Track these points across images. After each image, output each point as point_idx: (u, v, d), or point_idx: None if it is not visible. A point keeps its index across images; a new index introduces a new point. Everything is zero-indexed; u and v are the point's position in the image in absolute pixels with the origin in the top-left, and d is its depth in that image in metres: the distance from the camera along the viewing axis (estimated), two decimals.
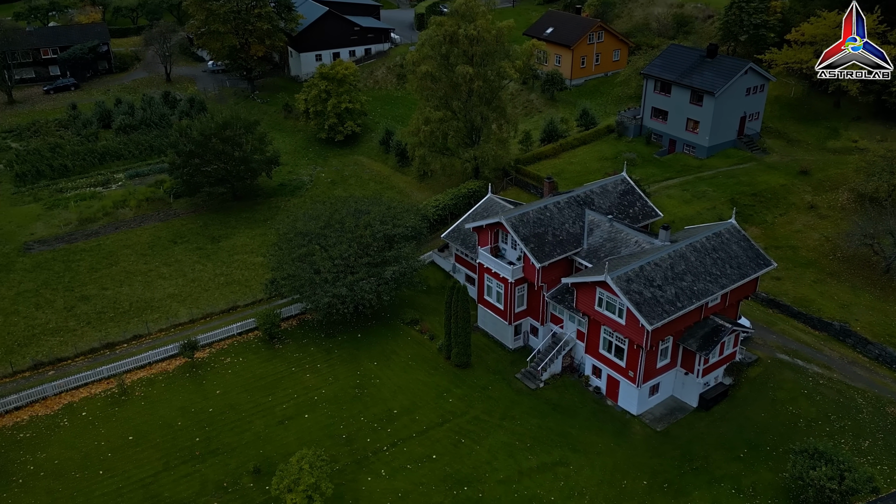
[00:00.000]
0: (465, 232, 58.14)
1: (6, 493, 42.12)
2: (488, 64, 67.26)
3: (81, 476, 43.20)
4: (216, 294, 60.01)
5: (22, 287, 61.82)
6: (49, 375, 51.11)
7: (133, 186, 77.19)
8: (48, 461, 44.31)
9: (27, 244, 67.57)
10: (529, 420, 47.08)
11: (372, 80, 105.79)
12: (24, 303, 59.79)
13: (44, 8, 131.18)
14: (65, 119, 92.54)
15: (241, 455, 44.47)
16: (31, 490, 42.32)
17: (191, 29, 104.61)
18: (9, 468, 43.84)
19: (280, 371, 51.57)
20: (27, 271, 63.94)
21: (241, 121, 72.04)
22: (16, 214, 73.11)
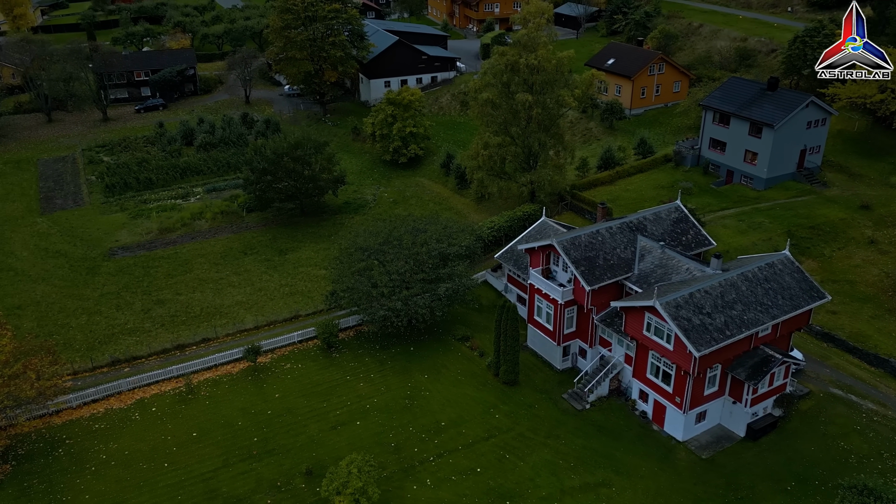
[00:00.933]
0: (518, 253, 58.30)
1: (79, 479, 44.16)
2: (547, 92, 67.61)
3: (148, 467, 44.93)
4: (280, 303, 61.74)
5: (105, 289, 65.02)
6: (124, 372, 53.48)
7: (210, 200, 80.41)
8: (119, 451, 46.26)
9: (112, 250, 71.10)
10: (574, 440, 46.59)
11: (436, 106, 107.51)
12: (107, 304, 62.83)
13: (139, 34, 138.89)
14: (152, 136, 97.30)
15: (294, 457, 45.44)
16: (102, 477, 44.25)
17: (270, 55, 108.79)
18: (83, 456, 45.96)
19: (336, 379, 52.57)
20: (110, 275, 67.24)
21: (312, 141, 74.35)
22: (104, 222, 77.08)
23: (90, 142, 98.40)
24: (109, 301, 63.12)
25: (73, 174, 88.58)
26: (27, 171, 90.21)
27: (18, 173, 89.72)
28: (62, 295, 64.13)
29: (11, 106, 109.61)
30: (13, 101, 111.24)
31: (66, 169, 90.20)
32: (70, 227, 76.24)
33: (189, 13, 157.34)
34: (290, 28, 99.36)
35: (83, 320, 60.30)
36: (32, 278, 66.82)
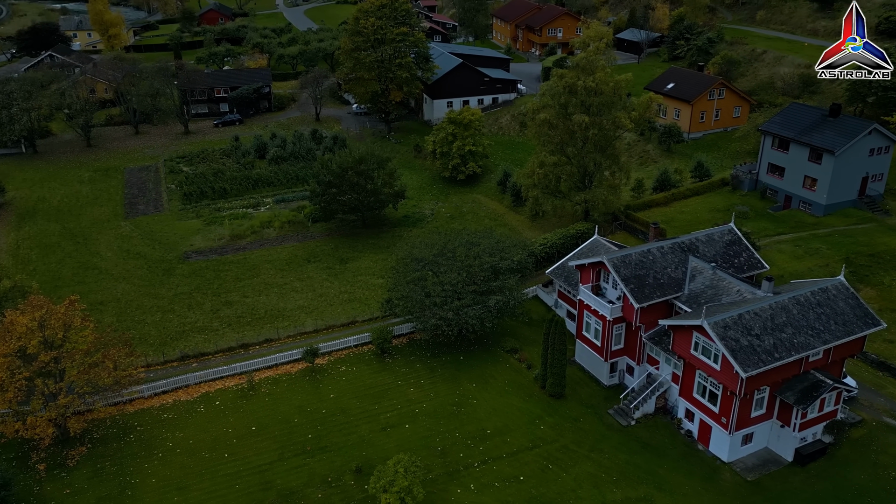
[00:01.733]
0: (569, 269, 58.37)
1: (147, 464, 46.36)
2: (604, 114, 67.68)
3: (210, 456, 46.81)
4: (339, 309, 63.41)
5: (179, 290, 68.14)
6: (192, 367, 55.88)
7: (278, 210, 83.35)
8: (184, 440, 48.36)
9: (186, 253, 74.49)
10: (618, 455, 46.19)
11: (496, 126, 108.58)
12: (179, 303, 65.82)
13: (221, 54, 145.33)
14: (228, 149, 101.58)
15: (345, 455, 46.55)
16: (168, 463, 46.34)
17: (340, 75, 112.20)
18: (152, 443, 48.24)
19: (387, 383, 53.63)
20: (184, 277, 70.43)
21: (375, 157, 76.37)
22: (180, 228, 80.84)
23: (172, 153, 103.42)
24: (182, 301, 66.10)
25: (155, 182, 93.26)
26: (114, 179, 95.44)
27: (107, 180, 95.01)
28: (140, 293, 67.52)
29: (103, 118, 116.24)
30: (105, 113, 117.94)
31: (149, 177, 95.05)
32: (150, 231, 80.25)
33: (267, 35, 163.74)
34: (359, 50, 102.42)
35: (158, 317, 63.34)
36: (114, 277, 70.62)
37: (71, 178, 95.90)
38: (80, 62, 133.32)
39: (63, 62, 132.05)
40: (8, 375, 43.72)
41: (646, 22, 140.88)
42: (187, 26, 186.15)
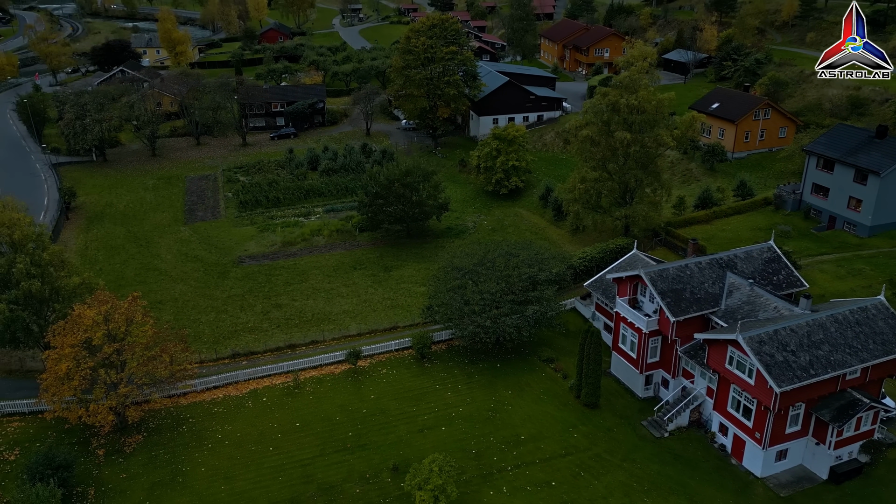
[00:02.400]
0: (606, 283, 58.52)
1: (198, 454, 48.30)
2: (646, 131, 67.76)
3: (256, 449, 48.49)
4: (382, 314, 64.80)
5: (232, 292, 70.64)
6: (242, 364, 57.93)
7: (328, 219, 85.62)
8: (232, 433, 50.19)
9: (240, 258, 77.17)
10: (650, 465, 46.07)
11: (541, 142, 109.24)
12: (232, 305, 68.24)
13: (279, 71, 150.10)
14: (282, 160, 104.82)
15: (383, 453, 47.61)
16: (217, 454, 48.19)
17: (391, 92, 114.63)
18: (203, 434, 50.23)
19: (426, 386, 54.61)
20: (238, 280, 72.97)
21: (421, 170, 77.95)
22: (236, 234, 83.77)
23: (230, 163, 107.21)
24: (235, 302, 68.51)
25: (213, 191, 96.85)
26: (176, 187, 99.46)
27: (169, 188, 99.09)
28: (196, 294, 70.24)
29: (168, 130, 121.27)
30: (169, 125, 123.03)
31: (208, 186, 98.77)
32: (207, 236, 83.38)
33: (323, 53, 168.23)
34: (410, 68, 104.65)
35: (212, 317, 65.80)
36: (173, 278, 73.63)
37: (136, 185, 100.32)
38: (148, 77, 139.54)
39: (133, 77, 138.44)
40: (74, 365, 46.23)
41: (693, 43, 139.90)
42: (248, 44, 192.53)
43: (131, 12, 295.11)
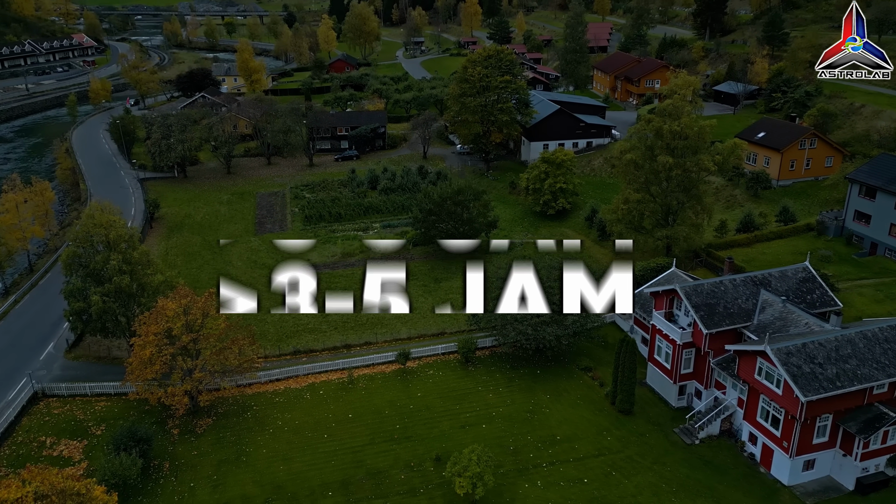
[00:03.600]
0: (645, 297, 59.73)
1: (260, 437, 51.81)
2: (688, 156, 69.05)
3: (312, 436, 51.69)
4: (430, 321, 67.58)
5: None
6: (302, 360, 61.56)
7: (384, 233, 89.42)
8: (291, 421, 53.58)
9: None
10: (679, 469, 47.10)
11: (589, 168, 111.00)
12: None
13: (345, 98, 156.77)
14: (345, 180, 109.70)
15: (427, 445, 50.08)
16: (277, 438, 51.60)
17: (447, 117, 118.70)
18: (265, 421, 53.79)
19: (469, 388, 56.96)
20: None
21: (472, 190, 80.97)
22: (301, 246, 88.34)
23: (297, 181, 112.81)
24: None
25: (281, 206, 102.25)
26: (248, 201, 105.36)
27: (242, 202, 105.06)
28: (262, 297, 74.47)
29: (242, 150, 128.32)
30: (244, 146, 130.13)
31: (276, 201, 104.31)
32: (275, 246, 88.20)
33: (386, 82, 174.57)
34: (466, 95, 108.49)
35: (276, 318, 69.79)
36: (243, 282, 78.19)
37: (212, 199, 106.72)
38: (226, 102, 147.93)
39: (213, 102, 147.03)
40: (156, 350, 50.58)
41: (744, 75, 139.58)
42: (318, 74, 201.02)
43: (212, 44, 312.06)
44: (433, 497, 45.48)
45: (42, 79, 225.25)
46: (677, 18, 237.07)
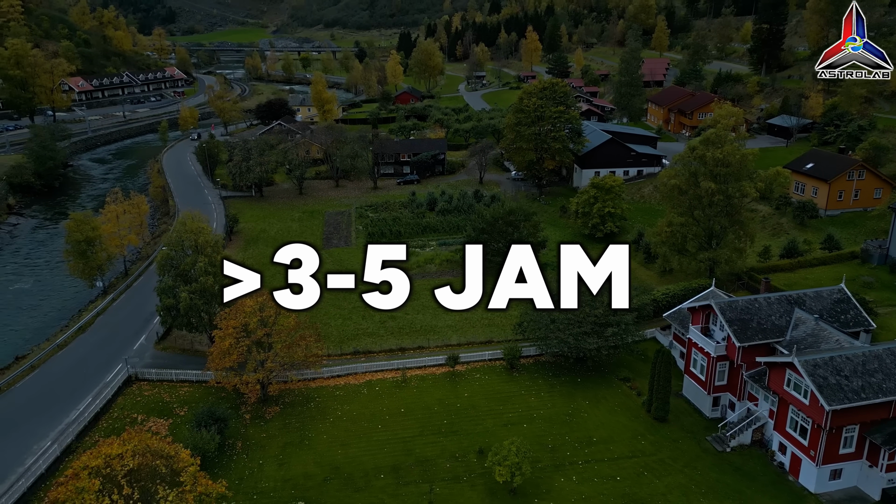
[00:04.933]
0: (684, 315, 61.40)
1: (321, 425, 55.91)
2: (730, 182, 70.54)
3: (367, 426, 55.47)
4: (479, 330, 70.82)
5: (356, 304, 79.16)
6: (361, 360, 65.71)
7: (440, 251, 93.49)
8: (349, 412, 57.55)
9: None
10: (709, 473, 48.49)
11: (639, 195, 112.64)
12: (356, 314, 76.66)
13: (408, 127, 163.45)
14: (405, 201, 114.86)
15: (471, 439, 53.06)
16: (336, 426, 55.58)
17: (502, 145, 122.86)
18: (326, 411, 57.95)
19: (512, 391, 59.73)
20: None
21: (522, 211, 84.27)
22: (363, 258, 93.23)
23: (362, 202, 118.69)
24: (358, 312, 76.94)
25: (346, 224, 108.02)
26: (317, 219, 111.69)
27: (312, 220, 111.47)
28: (327, 304, 79.29)
29: (313, 173, 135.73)
30: (315, 170, 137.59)
31: (342, 220, 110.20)
32: (340, 259, 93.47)
33: (447, 113, 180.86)
34: (521, 124, 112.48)
35: (339, 322, 74.52)
36: None
37: (285, 216, 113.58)
38: (300, 130, 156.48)
39: (288, 129, 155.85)
40: (234, 342, 55.63)
41: (798, 109, 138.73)
42: (384, 105, 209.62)
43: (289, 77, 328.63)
44: (475, 484, 48.37)
45: (137, 107, 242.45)
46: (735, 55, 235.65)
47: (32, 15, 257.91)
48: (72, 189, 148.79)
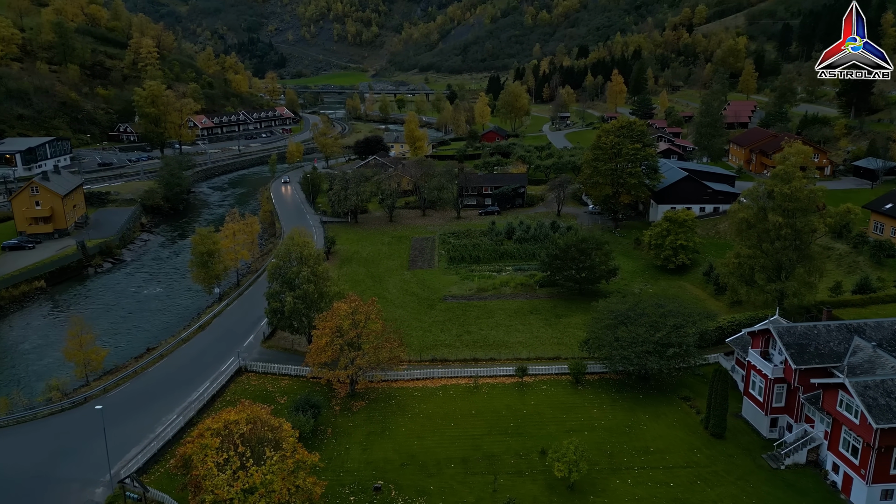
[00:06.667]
0: (745, 341, 62.62)
1: (400, 419, 61.14)
2: (798, 217, 71.30)
3: (441, 423, 60.16)
4: (549, 347, 74.30)
5: (436, 319, 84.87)
6: (437, 367, 70.74)
7: (515, 275, 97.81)
8: (425, 411, 62.49)
9: (445, 296, 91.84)
10: (761, 486, 49.74)
11: (714, 230, 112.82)
12: (435, 328, 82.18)
13: (492, 163, 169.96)
14: (485, 229, 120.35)
15: (535, 440, 56.61)
16: (413, 421, 60.60)
17: (580, 179, 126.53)
18: (405, 408, 63.14)
19: (576, 402, 62.84)
20: (442, 311, 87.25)
21: (594, 240, 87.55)
22: (443, 279, 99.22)
23: (445, 230, 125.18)
24: (437, 326, 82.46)
25: (430, 248, 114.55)
26: (404, 244, 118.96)
27: (399, 244, 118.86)
28: (409, 317, 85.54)
29: (402, 203, 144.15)
30: (404, 200, 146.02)
31: (427, 245, 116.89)
32: (422, 279, 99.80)
33: (529, 150, 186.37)
34: (598, 160, 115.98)
35: (419, 334, 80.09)
36: (396, 305, 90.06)
37: (376, 240, 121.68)
38: (393, 164, 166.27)
39: (382, 163, 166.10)
40: (329, 341, 62.27)
41: (885, 152, 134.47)
42: (471, 143, 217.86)
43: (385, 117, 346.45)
44: (536, 479, 51.89)
45: (250, 142, 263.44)
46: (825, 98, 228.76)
47: (166, 60, 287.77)
48: (193, 212, 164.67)
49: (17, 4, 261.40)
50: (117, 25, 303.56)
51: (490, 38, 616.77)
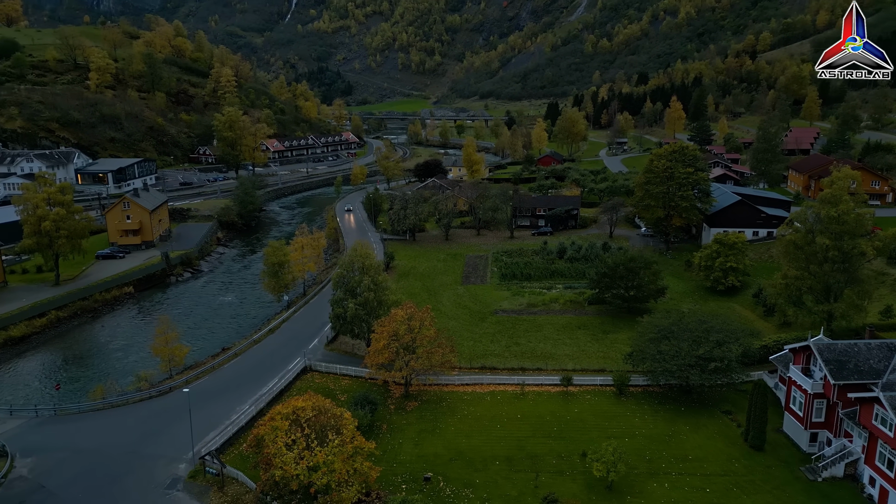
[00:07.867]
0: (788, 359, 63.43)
1: (450, 419, 64.77)
2: (846, 240, 71.60)
3: (488, 425, 63.44)
4: (594, 360, 76.56)
5: (487, 331, 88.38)
6: (486, 374, 74.11)
7: (565, 292, 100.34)
8: (473, 413, 65.91)
9: (496, 310, 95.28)
10: (797, 496, 50.74)
11: (767, 254, 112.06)
12: (485, 339, 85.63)
13: (547, 186, 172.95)
14: (538, 249, 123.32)
15: (577, 444, 59.09)
16: (462, 422, 64.10)
17: (631, 202, 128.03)
18: (455, 409, 66.73)
19: (618, 412, 64.94)
20: (492, 324, 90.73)
21: (643, 259, 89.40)
22: (495, 295, 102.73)
23: (498, 249, 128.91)
24: (488, 337, 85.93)
25: (483, 265, 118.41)
26: (458, 261, 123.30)
27: (454, 261, 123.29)
28: (461, 328, 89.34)
29: (458, 223, 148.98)
30: (460, 220, 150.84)
31: (480, 262, 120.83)
32: (475, 294, 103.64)
33: (584, 174, 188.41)
34: (650, 183, 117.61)
35: (470, 344, 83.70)
36: (449, 317, 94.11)
37: (432, 257, 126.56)
38: (450, 186, 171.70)
39: (440, 185, 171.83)
40: (387, 343, 66.85)
41: None
42: (527, 167, 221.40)
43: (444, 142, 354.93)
44: (576, 479, 54.46)
45: (317, 165, 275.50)
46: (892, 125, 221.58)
47: (243, 88, 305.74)
48: (263, 229, 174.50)
49: (112, 38, 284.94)
50: (200, 56, 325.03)
51: (550, 65, 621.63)
